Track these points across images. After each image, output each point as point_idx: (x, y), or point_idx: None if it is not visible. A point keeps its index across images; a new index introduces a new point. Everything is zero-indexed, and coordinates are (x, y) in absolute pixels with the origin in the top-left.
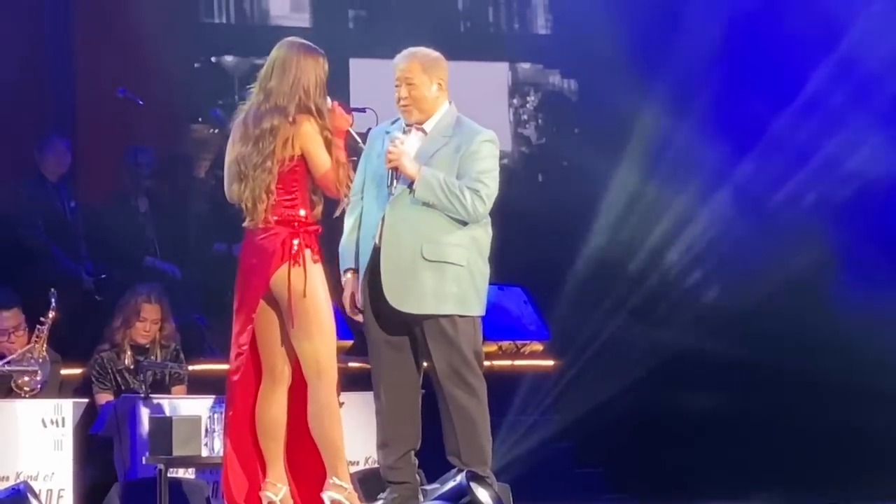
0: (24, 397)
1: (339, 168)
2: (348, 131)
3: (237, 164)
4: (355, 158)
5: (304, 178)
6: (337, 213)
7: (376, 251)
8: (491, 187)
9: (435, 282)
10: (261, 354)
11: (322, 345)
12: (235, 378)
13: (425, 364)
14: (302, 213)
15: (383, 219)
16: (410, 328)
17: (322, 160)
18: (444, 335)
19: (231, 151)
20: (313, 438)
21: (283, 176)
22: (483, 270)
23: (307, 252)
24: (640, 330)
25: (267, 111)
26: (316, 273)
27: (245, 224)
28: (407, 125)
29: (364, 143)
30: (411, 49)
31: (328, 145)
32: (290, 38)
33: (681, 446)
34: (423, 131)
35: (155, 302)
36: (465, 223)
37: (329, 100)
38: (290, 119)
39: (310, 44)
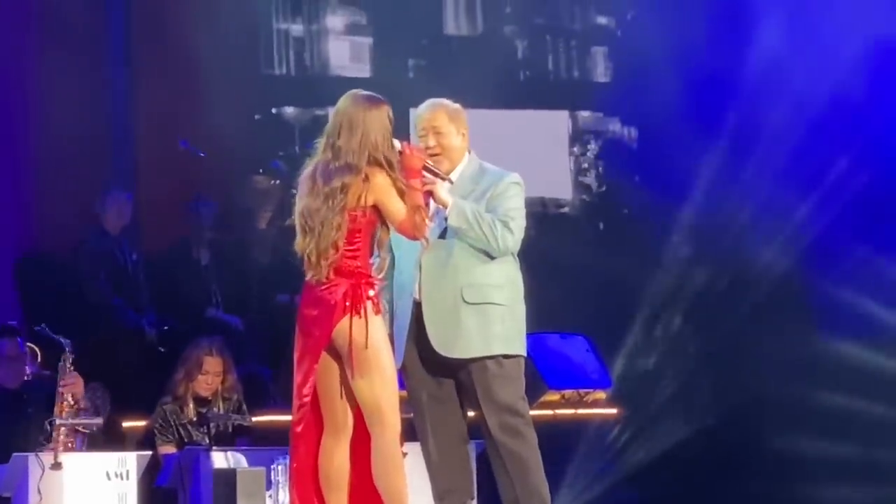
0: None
1: (416, 213)
2: (425, 167)
3: (302, 218)
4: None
5: (369, 230)
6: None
7: (417, 305)
8: (519, 222)
9: (479, 324)
10: (322, 405)
11: (384, 395)
12: (299, 429)
13: (472, 413)
14: (363, 263)
15: (420, 270)
16: (456, 376)
17: (397, 209)
18: (492, 377)
19: (298, 204)
20: (377, 489)
21: (350, 229)
22: (523, 310)
23: (368, 303)
24: (703, 379)
25: (337, 169)
26: (377, 324)
27: (307, 277)
28: None
29: (441, 175)
30: (435, 100)
31: (401, 194)
32: (354, 92)
33: (746, 494)
34: (450, 181)
35: (216, 355)
36: (500, 265)
37: (398, 142)
38: (362, 176)
39: (374, 95)
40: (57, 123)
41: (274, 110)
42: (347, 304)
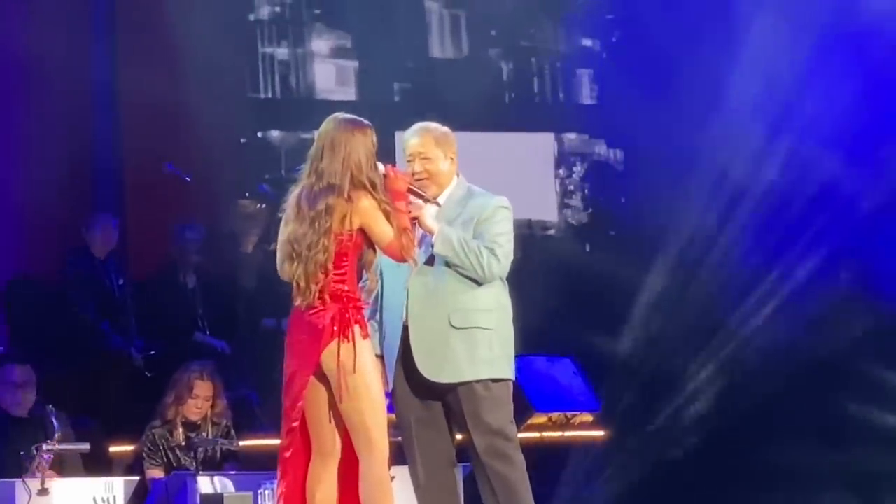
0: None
1: (403, 235)
2: (409, 189)
3: (290, 244)
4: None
5: (356, 253)
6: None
7: (405, 329)
8: (506, 248)
9: (467, 348)
10: (310, 430)
11: (372, 419)
12: (287, 454)
13: (460, 436)
14: (351, 287)
15: (407, 294)
16: (444, 399)
17: (384, 232)
18: (479, 400)
19: (284, 231)
20: None
21: (337, 252)
22: (511, 333)
23: (356, 328)
24: (689, 401)
25: (321, 191)
26: (365, 348)
27: (296, 303)
28: None
29: (426, 197)
30: (422, 124)
31: (387, 216)
32: (336, 115)
33: None
34: (437, 204)
35: (207, 379)
36: (488, 289)
37: (381, 165)
38: (346, 196)
39: (357, 118)
40: (44, 148)
41: (260, 134)
42: (335, 328)
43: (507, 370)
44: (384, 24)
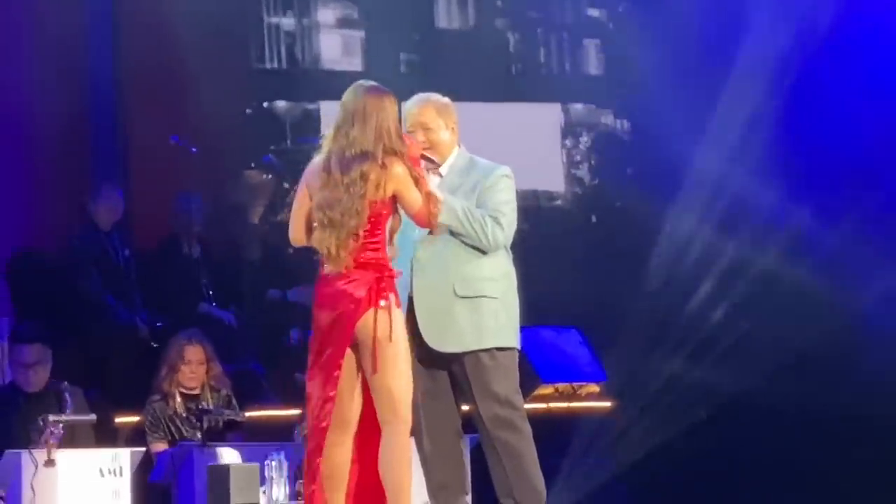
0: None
1: (430, 201)
2: (422, 155)
3: (321, 211)
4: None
5: (386, 221)
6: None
7: (410, 299)
8: (509, 217)
9: (471, 317)
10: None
11: (400, 390)
12: (324, 425)
13: (466, 407)
14: (384, 255)
15: (412, 265)
16: (450, 369)
17: (415, 198)
18: (485, 370)
19: (306, 199)
20: (377, 486)
21: (370, 219)
22: (516, 303)
23: (391, 296)
24: (696, 372)
25: (354, 157)
26: (398, 318)
27: (326, 270)
28: None
29: (437, 163)
30: (423, 94)
31: (416, 183)
32: (361, 83)
33: (737, 490)
34: (439, 174)
35: (196, 343)
36: (493, 258)
37: None
38: (380, 163)
39: (381, 86)
40: (48, 121)
41: (265, 104)
42: (373, 297)
43: (513, 339)
44: None
